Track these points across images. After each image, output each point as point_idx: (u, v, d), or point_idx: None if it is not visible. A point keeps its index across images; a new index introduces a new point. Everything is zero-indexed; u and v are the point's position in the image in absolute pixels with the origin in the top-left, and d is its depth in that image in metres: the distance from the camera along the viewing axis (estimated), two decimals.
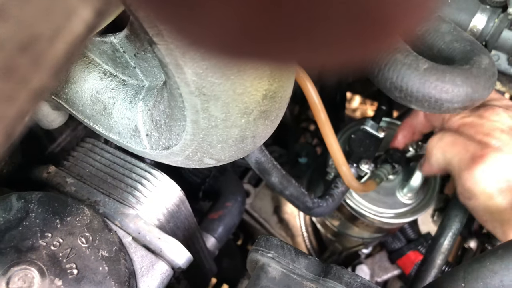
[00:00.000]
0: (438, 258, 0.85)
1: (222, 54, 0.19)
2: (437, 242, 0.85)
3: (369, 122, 0.92)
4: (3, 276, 0.48)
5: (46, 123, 0.73)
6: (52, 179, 0.65)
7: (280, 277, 0.55)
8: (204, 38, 0.18)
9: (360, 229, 1.04)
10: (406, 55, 0.70)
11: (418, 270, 0.86)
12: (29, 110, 0.16)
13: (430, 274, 0.84)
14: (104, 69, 0.61)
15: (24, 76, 0.15)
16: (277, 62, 0.21)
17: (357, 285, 0.54)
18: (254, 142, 0.51)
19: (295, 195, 0.81)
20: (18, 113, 0.16)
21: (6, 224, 0.52)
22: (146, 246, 0.61)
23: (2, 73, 0.15)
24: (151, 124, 0.56)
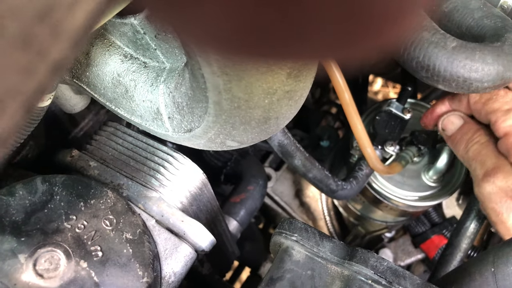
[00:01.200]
0: (464, 242, 0.83)
1: (225, 53, 0.19)
2: (463, 225, 0.83)
3: (394, 103, 0.89)
4: (30, 258, 0.48)
5: (68, 107, 0.74)
6: (75, 163, 0.65)
7: (304, 260, 0.55)
8: (206, 39, 0.17)
9: (384, 213, 1.02)
10: (433, 33, 0.68)
11: (443, 254, 0.84)
12: (49, 83, 0.16)
13: (455, 258, 0.83)
14: (125, 52, 0.60)
15: (42, 47, 0.15)
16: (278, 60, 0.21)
17: (384, 268, 0.53)
18: (278, 123, 0.50)
19: (319, 178, 0.80)
20: (37, 87, 0.15)
21: (32, 207, 0.52)
22: (169, 229, 0.61)
23: (19, 44, 0.14)
24: (173, 107, 0.55)
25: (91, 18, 0.16)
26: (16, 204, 0.52)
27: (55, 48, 0.15)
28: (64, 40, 0.15)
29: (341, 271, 0.54)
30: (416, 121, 0.95)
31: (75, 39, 0.16)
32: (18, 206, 0.52)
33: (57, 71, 0.16)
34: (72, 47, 0.16)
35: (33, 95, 0.15)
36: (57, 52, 0.15)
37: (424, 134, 0.87)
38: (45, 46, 0.15)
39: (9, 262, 0.48)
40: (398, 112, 0.89)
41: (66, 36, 0.15)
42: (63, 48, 0.15)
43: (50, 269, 0.48)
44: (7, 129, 0.15)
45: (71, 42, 0.16)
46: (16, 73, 0.14)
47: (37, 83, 0.15)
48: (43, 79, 0.15)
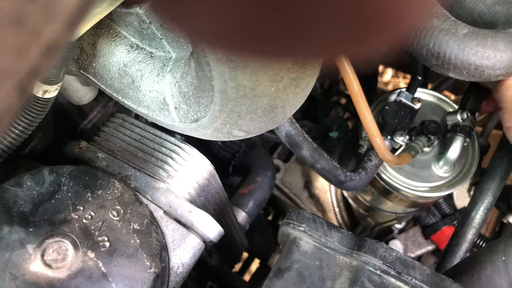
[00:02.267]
0: (469, 232, 0.82)
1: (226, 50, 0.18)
2: (468, 216, 0.82)
3: (404, 93, 0.88)
4: (38, 248, 0.49)
5: (76, 99, 0.74)
6: (83, 154, 0.65)
7: (312, 250, 0.54)
8: (207, 37, 0.17)
9: (394, 204, 1.02)
10: (444, 20, 0.67)
11: (449, 245, 0.84)
12: (43, 65, 0.15)
13: (461, 248, 0.82)
14: (131, 42, 0.60)
15: (35, 27, 0.14)
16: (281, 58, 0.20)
17: (393, 259, 0.52)
18: (284, 112, 0.50)
19: (327, 169, 0.79)
20: (30, 68, 0.15)
21: (40, 197, 0.52)
22: (177, 220, 0.61)
23: (11, 23, 0.14)
24: (179, 96, 0.55)
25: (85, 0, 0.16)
26: (24, 195, 0.52)
27: (49, 28, 0.15)
28: (58, 21, 0.15)
29: (350, 262, 0.53)
30: (426, 111, 0.94)
31: (69, 21, 0.15)
32: (26, 197, 0.52)
33: (51, 53, 0.15)
34: (66, 28, 0.16)
35: (26, 77, 0.15)
36: (51, 32, 0.15)
37: (434, 124, 0.86)
38: (38, 26, 0.14)
39: (18, 253, 0.48)
40: (408, 102, 0.87)
41: (60, 16, 0.15)
42: (57, 29, 0.15)
43: (58, 259, 0.48)
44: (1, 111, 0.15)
45: (65, 23, 0.15)
46: (8, 53, 0.14)
47: (30, 65, 0.15)
48: (36, 60, 0.15)
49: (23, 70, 0.15)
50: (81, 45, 0.61)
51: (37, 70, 0.15)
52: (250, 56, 0.20)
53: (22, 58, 0.14)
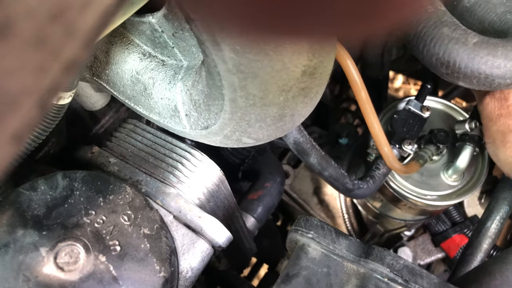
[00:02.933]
0: (485, 242, 0.81)
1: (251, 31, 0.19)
2: (483, 225, 0.82)
3: (413, 101, 0.88)
4: (51, 251, 0.50)
5: (89, 105, 0.75)
6: (96, 159, 0.67)
7: (320, 257, 0.55)
8: (229, 16, 0.18)
9: (403, 211, 1.01)
10: (454, 28, 0.67)
11: (463, 254, 0.83)
12: (62, 82, 0.16)
13: (476, 259, 0.81)
14: (144, 50, 0.61)
15: (56, 46, 0.15)
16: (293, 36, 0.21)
17: (400, 267, 0.52)
18: (293, 121, 0.50)
19: (335, 176, 0.80)
20: (50, 85, 0.16)
21: (53, 202, 0.54)
22: (187, 225, 0.62)
23: (33, 43, 0.15)
24: (190, 104, 0.56)
25: (103, 19, 0.16)
26: (38, 198, 0.53)
27: (68, 47, 0.16)
28: (77, 40, 0.16)
29: (357, 269, 0.54)
30: (436, 119, 0.94)
31: (88, 39, 0.16)
32: (39, 201, 0.53)
33: (70, 70, 0.16)
34: (85, 46, 0.16)
35: (47, 94, 0.16)
36: (70, 51, 0.16)
37: (443, 133, 0.86)
38: (58, 46, 0.15)
39: (31, 255, 0.49)
40: (417, 110, 0.87)
41: (78, 36, 0.16)
42: (76, 48, 0.16)
43: (70, 263, 0.49)
44: (22, 126, 0.16)
45: (84, 42, 0.16)
46: (30, 72, 0.15)
47: (50, 82, 0.16)
48: (56, 78, 0.16)
49: (43, 87, 0.15)
50: (95, 52, 0.62)
51: (56, 87, 0.16)
52: (265, 35, 0.21)
53: (43, 77, 0.15)
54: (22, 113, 0.15)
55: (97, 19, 0.16)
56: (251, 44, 0.40)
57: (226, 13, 0.18)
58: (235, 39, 0.40)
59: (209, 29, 0.40)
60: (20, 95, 0.15)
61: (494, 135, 0.74)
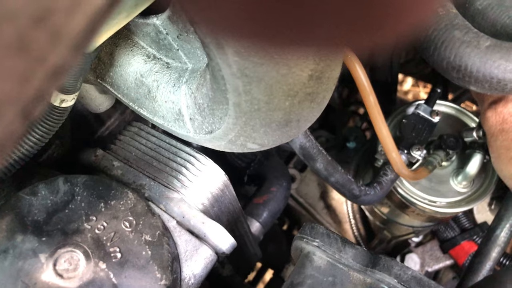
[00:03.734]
0: (494, 250, 0.80)
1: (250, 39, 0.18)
2: (493, 233, 0.80)
3: (422, 106, 0.87)
4: (50, 258, 0.49)
5: (94, 107, 0.74)
6: (99, 163, 0.66)
7: (325, 266, 0.53)
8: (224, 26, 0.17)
9: (411, 217, 1.00)
10: (466, 32, 0.65)
11: (471, 262, 0.81)
12: (48, 90, 0.15)
13: (484, 267, 0.80)
14: (148, 52, 0.60)
15: (40, 52, 0.14)
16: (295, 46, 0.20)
17: (408, 277, 0.51)
18: (299, 126, 0.49)
19: (341, 182, 0.78)
20: (35, 94, 0.15)
21: (54, 207, 0.53)
22: (190, 231, 0.60)
23: (16, 49, 0.14)
24: (194, 108, 0.55)
25: (92, 22, 0.15)
26: (39, 203, 0.53)
27: (54, 53, 0.15)
28: (64, 45, 0.15)
29: (364, 279, 0.52)
30: (445, 124, 0.92)
31: (76, 44, 0.15)
32: (40, 206, 0.52)
33: (57, 77, 0.15)
34: (73, 52, 0.15)
35: (31, 103, 0.15)
36: (56, 57, 0.15)
37: (453, 138, 0.84)
38: (43, 51, 0.14)
39: (30, 262, 0.48)
40: (426, 115, 0.86)
41: (65, 41, 0.15)
42: (63, 54, 0.15)
43: (70, 270, 0.48)
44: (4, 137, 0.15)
45: (71, 47, 0.15)
46: (12, 80, 0.14)
47: (35, 90, 0.15)
48: (41, 85, 0.15)
49: (27, 96, 0.14)
50: (99, 54, 0.61)
51: (41, 95, 0.15)
52: (270, 45, 0.20)
53: (26, 85, 0.14)
54: (3, 123, 0.14)
55: (86, 23, 0.15)
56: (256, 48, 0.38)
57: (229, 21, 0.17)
58: (239, 43, 0.38)
59: (213, 32, 0.38)
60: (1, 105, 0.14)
61: (498, 150, 0.73)
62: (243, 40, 0.19)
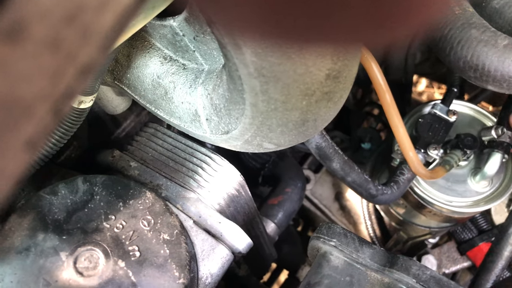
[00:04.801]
0: (506, 249, 0.79)
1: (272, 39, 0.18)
2: (505, 232, 0.79)
3: (438, 105, 0.86)
4: (70, 256, 0.50)
5: (111, 109, 0.75)
6: (116, 163, 0.67)
7: (343, 266, 0.53)
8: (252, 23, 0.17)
9: (427, 218, 0.99)
10: (483, 31, 0.65)
11: (484, 261, 0.80)
12: (78, 87, 0.15)
13: (497, 266, 0.79)
14: (165, 54, 0.61)
15: (70, 50, 0.14)
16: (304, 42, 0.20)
17: (426, 277, 0.50)
18: (316, 126, 0.49)
19: (358, 182, 0.78)
20: (66, 90, 0.15)
21: (73, 206, 0.53)
22: (207, 230, 0.61)
23: (47, 47, 0.14)
24: (210, 108, 0.55)
25: (121, 21, 0.16)
26: (59, 203, 0.53)
27: (84, 51, 0.15)
28: (93, 43, 0.15)
29: (381, 279, 0.52)
30: (462, 123, 0.91)
31: (105, 42, 0.16)
32: (60, 205, 0.53)
33: (86, 75, 0.15)
34: (101, 50, 0.16)
35: (62, 99, 0.15)
36: (86, 55, 0.15)
37: (470, 137, 0.83)
38: (73, 49, 0.15)
39: (51, 260, 0.49)
40: (443, 114, 0.85)
41: (94, 39, 0.15)
42: (92, 51, 0.15)
43: (90, 268, 0.49)
44: (36, 133, 0.15)
45: (100, 45, 0.16)
46: (44, 77, 0.14)
47: (65, 87, 0.15)
48: (71, 82, 0.15)
49: (58, 92, 0.15)
50: (116, 56, 0.62)
51: (72, 91, 0.15)
52: (288, 44, 0.20)
53: (57, 81, 0.15)
54: (36, 119, 0.15)
55: (115, 21, 0.15)
56: (273, 47, 0.39)
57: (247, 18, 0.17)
58: (257, 42, 0.39)
59: (230, 32, 0.39)
60: (34, 101, 0.15)
61: None
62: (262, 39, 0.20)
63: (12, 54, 0.14)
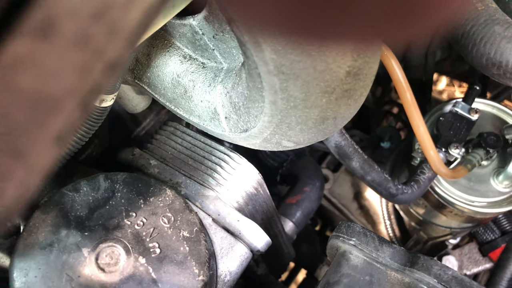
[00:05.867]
0: None
1: (295, 35, 0.18)
2: None
3: (460, 104, 0.85)
4: (92, 252, 0.50)
5: (131, 107, 0.76)
6: (136, 161, 0.67)
7: (362, 265, 0.53)
8: (273, 19, 0.17)
9: (448, 218, 0.97)
10: (507, 27, 0.63)
11: (500, 259, 0.79)
12: (105, 83, 0.16)
13: None
14: (184, 52, 0.61)
15: (98, 46, 0.15)
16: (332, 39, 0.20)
17: (448, 277, 0.50)
18: (336, 124, 0.49)
19: (378, 181, 0.77)
20: (93, 86, 0.15)
21: (95, 203, 0.54)
22: (225, 228, 0.61)
23: (76, 43, 0.14)
24: (229, 107, 0.56)
25: (146, 17, 0.16)
26: (81, 200, 0.54)
27: (111, 47, 0.15)
28: (120, 39, 0.15)
29: (402, 278, 0.51)
30: (485, 122, 0.89)
31: (131, 38, 0.16)
32: (82, 202, 0.54)
33: (113, 70, 0.16)
34: (127, 46, 0.16)
35: (89, 95, 0.15)
36: (113, 51, 0.15)
37: (493, 136, 0.82)
38: (101, 45, 0.15)
39: (74, 255, 0.50)
40: (464, 113, 0.84)
41: (121, 35, 0.15)
42: (119, 47, 0.16)
43: (111, 264, 0.50)
44: (65, 128, 0.15)
45: (127, 41, 0.16)
46: (73, 73, 0.15)
47: (93, 82, 0.15)
48: (99, 78, 0.15)
49: (86, 88, 0.15)
50: (136, 55, 0.63)
51: (99, 87, 0.16)
52: (309, 40, 0.20)
53: (85, 77, 0.15)
54: (65, 114, 0.15)
55: (141, 17, 0.16)
56: (293, 45, 0.38)
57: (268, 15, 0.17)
58: (276, 40, 0.39)
59: (250, 30, 0.39)
60: (63, 97, 0.15)
61: None
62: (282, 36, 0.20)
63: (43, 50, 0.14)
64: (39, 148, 0.15)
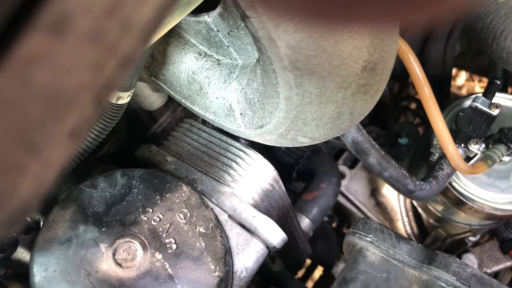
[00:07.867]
0: None
1: (314, 19, 0.18)
2: None
3: (480, 98, 0.83)
4: (110, 247, 0.51)
5: (147, 105, 0.77)
6: (153, 158, 0.68)
7: (379, 262, 0.52)
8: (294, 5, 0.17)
9: (467, 215, 0.96)
10: None
11: None
12: (118, 78, 0.16)
13: None
14: (199, 49, 0.61)
15: (112, 42, 0.15)
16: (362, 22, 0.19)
17: (467, 275, 0.49)
18: (352, 119, 0.48)
19: (395, 177, 0.76)
20: (107, 82, 0.15)
21: (112, 199, 0.55)
22: (241, 224, 0.61)
23: (90, 39, 0.14)
24: (245, 103, 0.56)
25: (159, 12, 0.16)
26: (98, 196, 0.55)
27: (124, 42, 0.15)
28: (133, 35, 0.16)
29: (419, 275, 0.51)
30: (506, 117, 0.88)
31: (144, 34, 0.16)
32: (100, 198, 0.55)
33: (126, 66, 0.16)
34: (141, 41, 0.16)
35: (103, 90, 0.15)
36: (126, 46, 0.15)
37: None
38: (114, 41, 0.15)
39: (92, 251, 0.51)
40: (485, 108, 0.82)
41: (134, 31, 0.16)
42: (132, 43, 0.16)
43: (128, 259, 0.50)
44: (80, 123, 0.15)
45: (140, 37, 0.16)
46: (87, 68, 0.15)
47: (107, 78, 0.15)
48: (112, 74, 0.15)
49: (99, 83, 0.15)
50: (152, 53, 0.63)
51: (113, 83, 0.16)
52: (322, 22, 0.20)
53: (99, 72, 0.15)
54: (79, 110, 0.15)
55: (153, 13, 0.16)
56: (308, 40, 0.38)
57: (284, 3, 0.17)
58: (291, 35, 0.38)
59: (265, 26, 0.39)
60: (78, 92, 0.15)
61: None
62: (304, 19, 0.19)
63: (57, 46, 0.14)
64: (54, 143, 0.15)
